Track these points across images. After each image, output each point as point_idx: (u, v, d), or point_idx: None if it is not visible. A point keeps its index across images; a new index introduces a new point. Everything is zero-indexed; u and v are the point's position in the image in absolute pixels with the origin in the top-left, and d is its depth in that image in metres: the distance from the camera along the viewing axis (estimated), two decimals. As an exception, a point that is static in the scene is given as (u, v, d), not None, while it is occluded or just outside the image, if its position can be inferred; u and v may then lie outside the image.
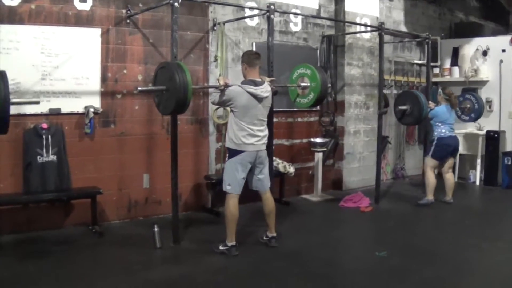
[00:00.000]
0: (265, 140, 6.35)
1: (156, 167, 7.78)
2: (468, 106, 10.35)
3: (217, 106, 7.88)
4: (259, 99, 6.12)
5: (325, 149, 9.72)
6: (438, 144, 9.02)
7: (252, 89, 6.06)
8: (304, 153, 9.86)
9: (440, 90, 9.47)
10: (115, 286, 5.25)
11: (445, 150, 9.06)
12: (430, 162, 9.16)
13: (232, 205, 6.20)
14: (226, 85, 6.05)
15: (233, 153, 6.19)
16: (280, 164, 8.72)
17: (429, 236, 7.55)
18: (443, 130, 8.99)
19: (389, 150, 11.46)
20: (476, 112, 10.38)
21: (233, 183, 6.17)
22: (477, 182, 11.42)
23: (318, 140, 9.68)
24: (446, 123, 9.00)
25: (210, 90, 6.76)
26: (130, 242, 6.72)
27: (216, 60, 8.31)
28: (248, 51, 6.65)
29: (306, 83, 7.41)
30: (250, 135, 6.13)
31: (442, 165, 9.33)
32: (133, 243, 6.65)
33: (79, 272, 5.61)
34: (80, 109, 7.14)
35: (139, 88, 6.05)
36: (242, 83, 6.18)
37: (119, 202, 7.62)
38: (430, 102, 9.35)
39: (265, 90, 6.21)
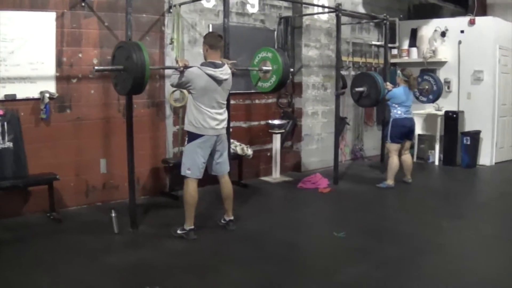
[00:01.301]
0: (224, 124, 6.48)
1: (113, 151, 7.92)
2: (427, 87, 10.67)
3: (174, 89, 8.09)
4: (218, 81, 6.21)
5: (283, 131, 10.03)
6: (394, 125, 9.29)
7: (211, 71, 6.15)
8: (263, 135, 10.14)
9: (399, 71, 9.73)
10: (74, 272, 5.34)
11: (401, 131, 9.31)
12: (392, 146, 9.43)
13: (192, 189, 6.34)
14: (185, 66, 6.12)
15: (193, 136, 6.28)
16: (238, 147, 8.96)
17: (388, 216, 7.89)
18: (399, 112, 9.26)
19: (348, 131, 11.88)
20: (434, 94, 10.71)
21: (193, 168, 6.29)
22: (436, 162, 11.96)
23: (276, 122, 9.98)
24: (403, 105, 9.26)
25: (168, 72, 6.86)
26: (89, 228, 6.83)
27: (172, 42, 8.46)
28: (211, 33, 6.76)
29: (268, 67, 7.57)
30: (210, 118, 6.22)
31: (401, 148, 9.62)
32: (91, 229, 6.75)
33: (38, 258, 5.69)
34: (36, 95, 7.21)
35: (96, 68, 6.15)
36: (202, 64, 6.24)
37: (76, 188, 7.75)
38: (387, 83, 9.58)
39: (225, 72, 6.31)
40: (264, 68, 7.56)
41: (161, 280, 5.13)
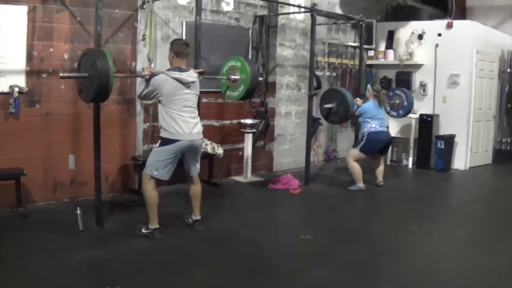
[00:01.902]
0: (199, 128, 6.56)
1: (82, 147, 7.96)
2: (398, 101, 10.64)
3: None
4: (185, 84, 6.32)
5: (255, 130, 10.17)
6: (369, 139, 9.40)
7: (177, 74, 6.28)
8: (235, 134, 10.28)
9: (369, 86, 9.92)
10: (36, 269, 5.38)
11: (375, 146, 9.49)
12: (355, 153, 9.56)
13: (150, 189, 6.43)
14: (152, 74, 6.25)
15: (166, 141, 6.36)
16: (209, 145, 9.01)
17: (358, 218, 8.07)
18: (373, 125, 9.40)
19: (321, 132, 12.07)
20: (405, 109, 10.67)
21: (160, 170, 6.37)
22: (410, 166, 12.21)
23: (248, 121, 10.12)
24: (375, 118, 9.43)
25: (137, 81, 6.86)
26: (54, 224, 6.87)
27: (144, 39, 8.50)
28: (177, 40, 6.83)
29: (236, 76, 7.59)
30: (183, 121, 6.32)
31: (375, 163, 9.86)
32: (56, 225, 6.79)
33: (0, 254, 5.73)
34: (5, 89, 7.26)
35: (61, 74, 6.17)
36: (167, 70, 6.39)
37: (44, 183, 7.82)
38: (357, 99, 9.77)
39: (191, 75, 6.40)
40: (233, 77, 7.60)
41: (122, 279, 5.17)
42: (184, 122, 6.34)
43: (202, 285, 5.26)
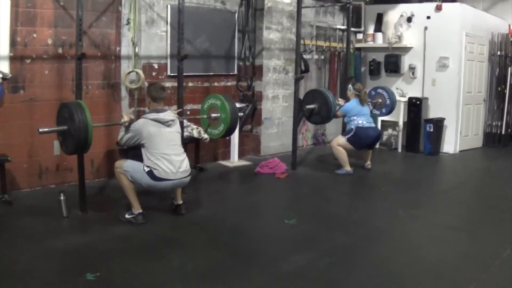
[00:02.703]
0: (186, 167, 6.66)
1: (67, 133, 8.03)
2: (380, 100, 10.74)
3: (130, 70, 8.44)
4: (164, 123, 6.53)
5: (241, 114, 10.08)
6: (357, 132, 9.53)
7: (154, 115, 6.51)
8: (221, 119, 10.27)
9: (350, 85, 10.06)
10: (17, 256, 5.45)
11: (364, 140, 9.61)
12: (341, 141, 9.68)
13: (124, 178, 6.59)
14: (131, 120, 6.51)
15: (154, 177, 6.43)
16: (195, 130, 9.10)
17: (344, 203, 8.23)
18: (360, 121, 9.55)
19: (310, 116, 12.04)
20: (387, 107, 10.78)
21: (134, 177, 6.53)
22: (399, 149, 12.32)
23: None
24: (360, 114, 9.58)
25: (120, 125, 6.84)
26: (38, 210, 6.97)
27: (128, 23, 8.52)
28: (153, 85, 6.90)
29: (216, 114, 7.71)
30: (168, 161, 6.44)
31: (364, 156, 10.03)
32: (41, 212, 6.89)
33: None
34: (-12, 75, 7.36)
35: (40, 130, 6.24)
36: (145, 114, 6.63)
37: (29, 169, 7.91)
38: (339, 99, 9.98)
39: (168, 114, 6.64)
40: (213, 115, 7.71)
41: (103, 265, 5.28)
42: (170, 162, 6.46)
43: (181, 270, 5.34)
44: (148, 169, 6.42)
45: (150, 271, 5.24)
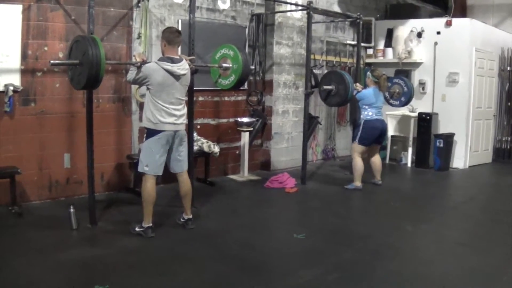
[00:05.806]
0: (183, 119, 6.65)
1: (77, 146, 8.02)
2: (397, 90, 10.70)
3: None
4: (175, 76, 6.38)
5: (251, 129, 10.25)
6: (365, 127, 9.44)
7: (168, 66, 6.32)
8: (231, 133, 10.35)
9: (368, 72, 9.90)
10: (26, 268, 5.42)
11: (372, 134, 9.49)
12: (358, 148, 9.60)
13: (149, 187, 6.50)
14: (143, 62, 6.30)
15: (151, 132, 6.45)
16: (205, 144, 9.09)
17: (353, 218, 8.15)
18: (370, 113, 9.44)
19: (320, 131, 12.16)
20: (406, 96, 10.70)
21: (151, 164, 6.46)
22: (409, 164, 12.24)
23: (245, 119, 10.19)
24: (373, 106, 9.45)
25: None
26: (48, 223, 6.95)
27: (139, 37, 8.59)
28: (169, 28, 6.83)
29: (228, 64, 7.64)
30: (167, 113, 6.39)
31: (370, 152, 9.85)
32: (50, 224, 6.87)
33: None
34: (0, 87, 7.36)
35: (51, 62, 6.26)
36: (159, 60, 6.45)
37: (39, 182, 7.90)
38: (357, 84, 9.78)
39: (182, 67, 6.47)
40: (224, 65, 7.66)
41: (112, 278, 5.24)
42: (169, 114, 6.43)
43: (189, 284, 5.30)
44: (145, 134, 6.56)
45: (158, 284, 5.21)
